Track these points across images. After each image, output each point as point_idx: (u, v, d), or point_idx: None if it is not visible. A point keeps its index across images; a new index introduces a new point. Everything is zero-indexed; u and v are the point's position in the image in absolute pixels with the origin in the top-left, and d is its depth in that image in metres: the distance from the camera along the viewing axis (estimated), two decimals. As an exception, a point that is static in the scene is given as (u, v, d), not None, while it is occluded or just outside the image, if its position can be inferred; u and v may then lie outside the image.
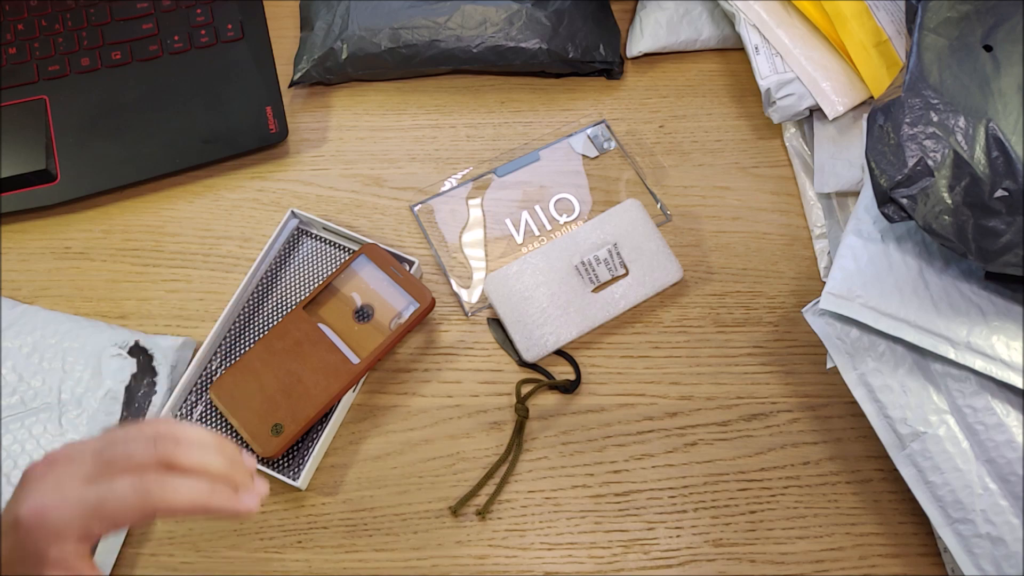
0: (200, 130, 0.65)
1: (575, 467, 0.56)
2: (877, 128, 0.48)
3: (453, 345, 0.59)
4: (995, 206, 0.44)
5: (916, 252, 0.50)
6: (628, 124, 0.67)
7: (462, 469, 0.56)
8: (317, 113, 0.68)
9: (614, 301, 0.59)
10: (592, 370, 0.58)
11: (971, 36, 0.48)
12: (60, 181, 0.63)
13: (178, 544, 0.54)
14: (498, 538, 0.54)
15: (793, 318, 0.60)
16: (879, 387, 0.49)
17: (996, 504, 0.46)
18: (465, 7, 0.66)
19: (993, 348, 0.47)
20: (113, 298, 0.61)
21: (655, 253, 0.60)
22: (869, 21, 0.62)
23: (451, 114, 0.68)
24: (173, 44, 0.67)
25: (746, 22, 0.65)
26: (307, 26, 0.69)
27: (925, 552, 0.53)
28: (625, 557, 0.53)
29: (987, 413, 0.46)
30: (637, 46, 0.69)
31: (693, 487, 0.55)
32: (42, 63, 0.66)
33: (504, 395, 0.58)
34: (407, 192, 0.65)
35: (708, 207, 0.64)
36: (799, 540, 0.54)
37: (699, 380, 0.58)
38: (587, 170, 0.65)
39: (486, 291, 0.59)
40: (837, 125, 0.63)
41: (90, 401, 0.54)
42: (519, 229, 0.63)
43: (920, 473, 0.48)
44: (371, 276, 0.58)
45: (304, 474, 0.54)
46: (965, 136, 0.45)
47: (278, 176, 0.66)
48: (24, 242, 0.63)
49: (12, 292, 0.61)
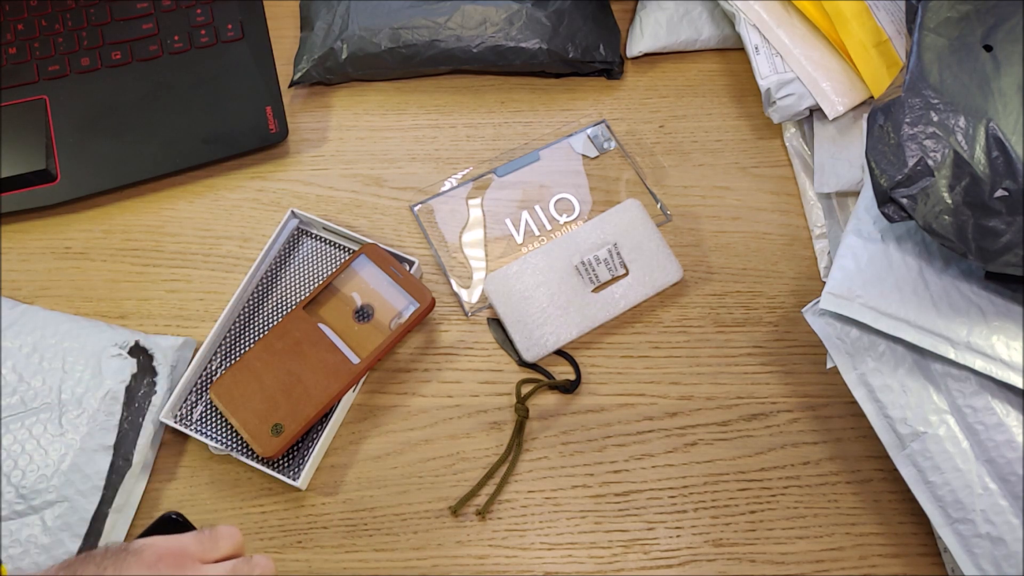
0: (200, 130, 0.65)
1: (575, 467, 0.56)
2: (877, 128, 0.48)
3: (453, 345, 0.59)
4: (995, 206, 0.44)
5: (916, 252, 0.50)
6: (628, 124, 0.67)
7: (462, 469, 0.56)
8: (317, 113, 0.68)
9: (614, 301, 0.59)
10: (592, 370, 0.58)
11: (971, 36, 0.48)
12: (60, 181, 0.63)
13: (178, 544, 0.54)
14: (498, 538, 0.54)
15: (793, 318, 0.60)
16: (879, 387, 0.49)
17: (996, 504, 0.46)
18: (465, 7, 0.66)
19: (993, 348, 0.47)
20: (113, 298, 0.61)
21: (655, 253, 0.60)
22: (869, 21, 0.62)
23: (451, 114, 0.68)
24: (173, 44, 0.67)
25: (746, 22, 0.65)
26: (307, 26, 0.69)
27: (925, 552, 0.53)
28: (625, 557, 0.53)
29: (987, 413, 0.46)
30: (637, 46, 0.69)
31: (693, 487, 0.55)
32: (42, 63, 0.66)
33: (504, 395, 0.58)
34: (407, 192, 0.65)
35: (708, 207, 0.64)
36: (799, 540, 0.54)
37: (699, 380, 0.58)
38: (587, 170, 0.65)
39: (486, 291, 0.59)
40: (837, 125, 0.63)
41: (90, 401, 0.54)
42: (519, 229, 0.63)
43: (920, 473, 0.48)
44: (371, 276, 0.58)
45: (304, 474, 0.54)
46: (965, 136, 0.45)
47: (278, 176, 0.66)
48: (24, 242, 0.63)
49: (12, 292, 0.61)
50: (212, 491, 0.55)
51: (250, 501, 0.55)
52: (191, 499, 0.55)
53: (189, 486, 0.55)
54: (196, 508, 0.55)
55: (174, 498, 0.55)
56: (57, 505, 0.51)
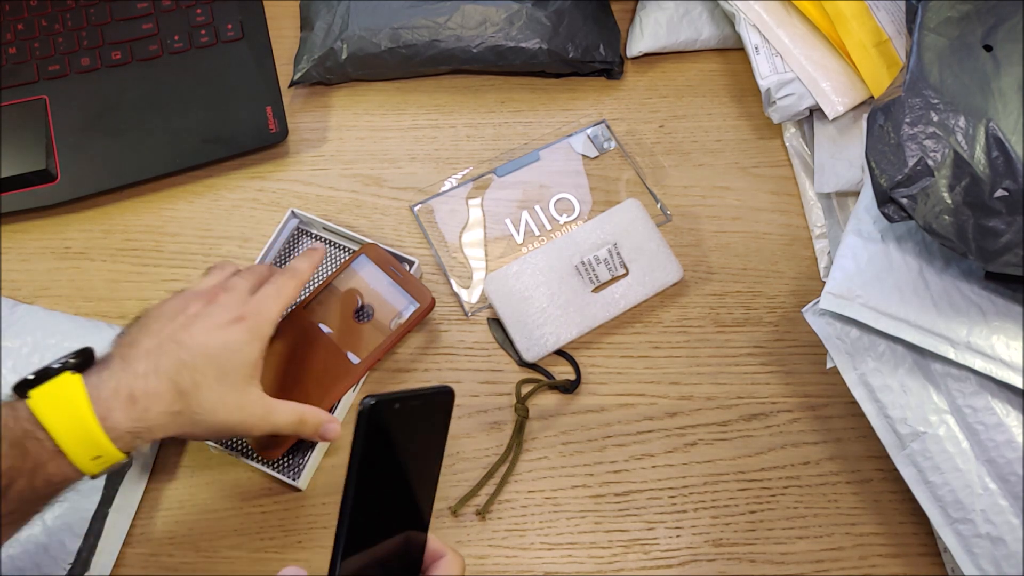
0: (200, 130, 0.65)
1: (575, 467, 0.56)
2: (877, 128, 0.48)
3: (453, 345, 0.59)
4: (995, 206, 0.44)
5: (916, 252, 0.50)
6: (628, 124, 0.67)
7: (462, 469, 0.56)
8: (317, 113, 0.68)
9: (614, 301, 0.59)
10: (592, 370, 0.58)
11: (971, 36, 0.48)
12: (60, 181, 0.63)
13: (178, 544, 0.54)
14: (498, 538, 0.54)
15: (793, 318, 0.60)
16: (879, 387, 0.49)
17: (996, 504, 0.46)
18: (465, 7, 0.66)
19: (993, 348, 0.47)
20: (113, 298, 0.61)
21: (655, 253, 0.60)
22: (869, 21, 0.62)
23: (451, 114, 0.68)
24: (173, 44, 0.67)
25: (746, 22, 0.65)
26: (307, 26, 0.69)
27: (925, 552, 0.53)
28: (625, 557, 0.53)
29: (987, 413, 0.46)
30: (637, 46, 0.69)
31: (693, 487, 0.55)
32: (42, 63, 0.66)
33: (504, 395, 0.58)
34: (407, 192, 0.65)
35: (708, 207, 0.64)
36: (799, 540, 0.54)
37: (699, 380, 0.58)
38: (587, 170, 0.65)
39: (486, 291, 0.59)
40: (837, 125, 0.63)
41: (90, 401, 0.54)
42: (519, 229, 0.63)
43: (920, 473, 0.48)
44: (371, 276, 0.58)
45: (304, 474, 0.54)
46: (965, 136, 0.45)
47: (278, 176, 0.66)
48: (24, 242, 0.63)
49: (12, 292, 0.61)
50: (212, 491, 0.55)
51: (250, 501, 0.55)
52: (191, 499, 0.55)
53: (189, 486, 0.55)
54: (196, 508, 0.54)
55: (174, 498, 0.55)
56: (57, 505, 0.51)
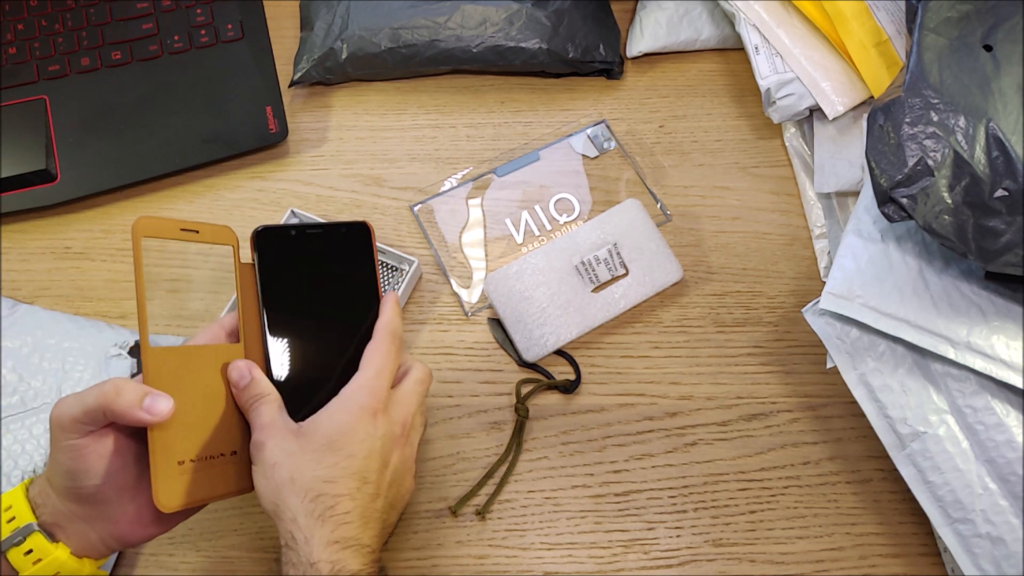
0: (200, 130, 0.65)
1: (575, 467, 0.56)
2: (877, 128, 0.48)
3: (453, 345, 0.59)
4: (995, 206, 0.44)
5: (916, 252, 0.50)
6: (628, 124, 0.67)
7: (462, 469, 0.56)
8: (317, 113, 0.68)
9: (614, 301, 0.59)
10: (592, 370, 0.58)
11: (971, 36, 0.48)
12: (60, 181, 0.63)
13: (178, 544, 0.54)
14: (498, 538, 0.54)
15: (793, 318, 0.60)
16: (879, 387, 0.49)
17: (996, 504, 0.46)
18: (465, 7, 0.66)
19: (993, 348, 0.47)
20: (113, 298, 0.61)
21: (655, 253, 0.60)
22: (869, 21, 0.62)
23: (451, 114, 0.68)
24: (173, 44, 0.67)
25: (746, 22, 0.65)
26: (307, 26, 0.69)
27: (925, 552, 0.53)
28: (625, 557, 0.53)
29: (987, 413, 0.46)
30: (637, 46, 0.69)
31: (693, 487, 0.55)
32: (42, 63, 0.66)
33: (504, 395, 0.58)
34: (407, 192, 0.65)
35: (708, 207, 0.64)
36: (799, 540, 0.54)
37: (699, 380, 0.58)
38: (587, 170, 0.65)
39: (486, 291, 0.59)
40: (837, 125, 0.63)
41: (90, 401, 0.54)
42: (519, 229, 0.63)
43: (920, 473, 0.48)
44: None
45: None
46: (965, 136, 0.45)
47: (278, 176, 0.66)
48: (24, 242, 0.63)
49: (12, 292, 0.61)
50: (212, 491, 0.55)
51: (250, 501, 0.55)
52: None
53: (189, 486, 0.55)
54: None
55: (174, 498, 0.55)
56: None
